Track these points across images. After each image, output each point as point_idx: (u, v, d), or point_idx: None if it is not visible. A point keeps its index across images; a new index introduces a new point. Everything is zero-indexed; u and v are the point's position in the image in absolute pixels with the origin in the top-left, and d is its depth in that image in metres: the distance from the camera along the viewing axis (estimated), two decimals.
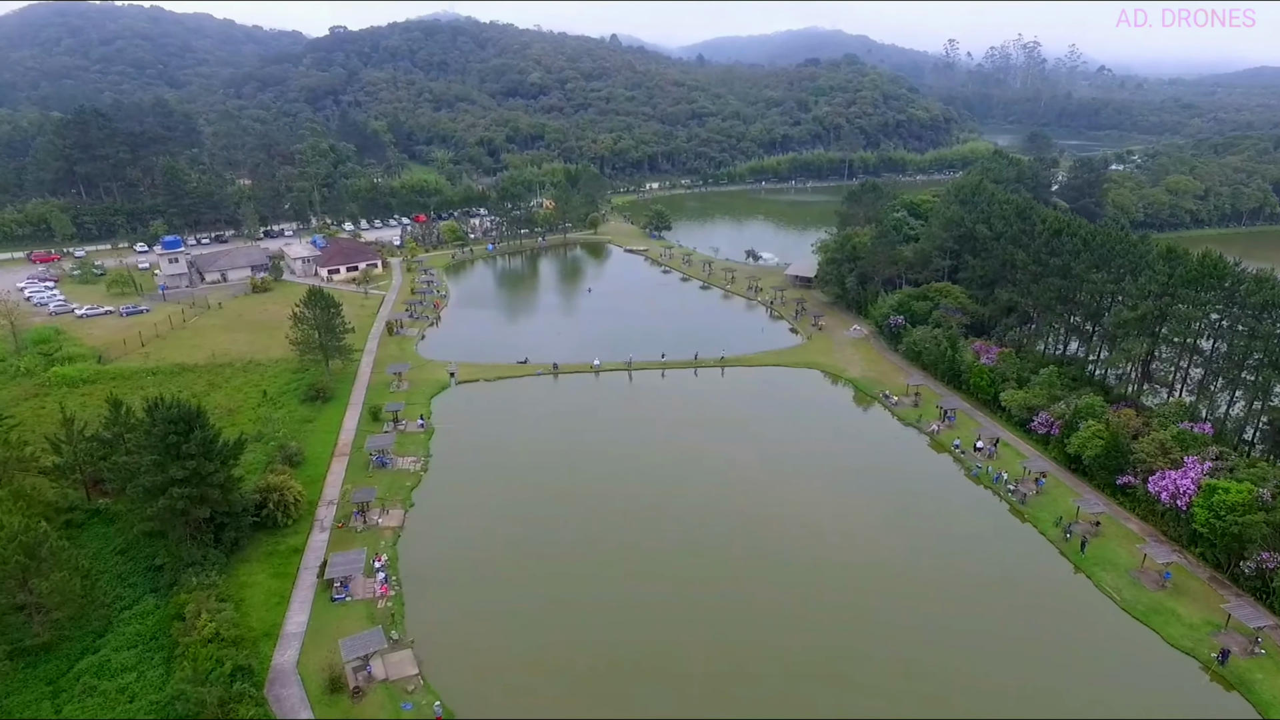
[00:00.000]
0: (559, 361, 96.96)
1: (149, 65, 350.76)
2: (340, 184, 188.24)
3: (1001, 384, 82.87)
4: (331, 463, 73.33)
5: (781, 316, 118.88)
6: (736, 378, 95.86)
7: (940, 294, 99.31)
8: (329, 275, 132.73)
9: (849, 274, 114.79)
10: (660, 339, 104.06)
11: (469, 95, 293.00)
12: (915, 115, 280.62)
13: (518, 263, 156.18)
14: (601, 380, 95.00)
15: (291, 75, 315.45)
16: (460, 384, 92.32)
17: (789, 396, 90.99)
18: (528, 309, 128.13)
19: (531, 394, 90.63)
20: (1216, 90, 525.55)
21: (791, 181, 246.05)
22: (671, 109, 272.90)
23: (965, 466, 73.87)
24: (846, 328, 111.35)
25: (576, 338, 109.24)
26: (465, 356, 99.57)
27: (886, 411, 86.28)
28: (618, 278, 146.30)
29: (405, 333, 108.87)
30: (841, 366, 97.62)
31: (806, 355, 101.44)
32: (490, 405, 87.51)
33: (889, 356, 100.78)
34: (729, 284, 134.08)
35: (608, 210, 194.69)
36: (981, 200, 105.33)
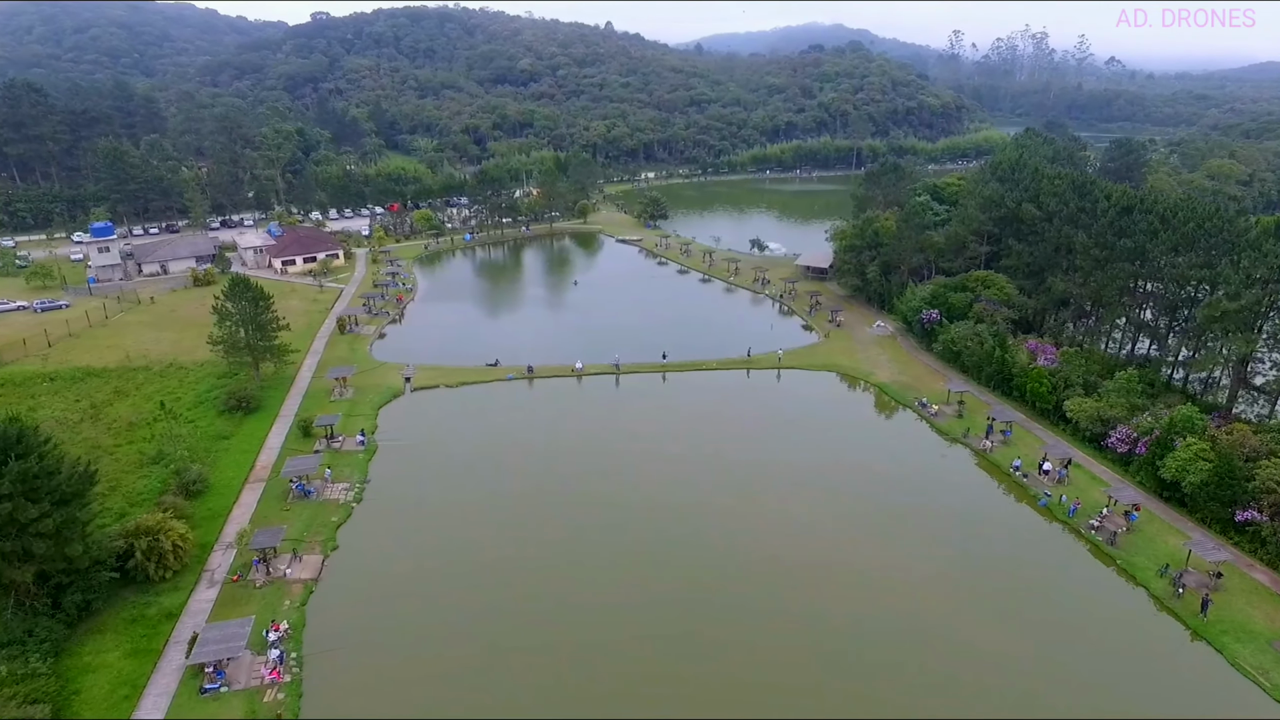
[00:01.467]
0: (535, 364, 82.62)
1: (124, 54, 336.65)
2: (310, 171, 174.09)
3: (1065, 390, 68.59)
4: (243, 491, 58.82)
5: (793, 312, 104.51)
6: (743, 382, 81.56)
7: (981, 284, 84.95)
8: (283, 267, 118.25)
9: (870, 263, 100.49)
10: (655, 338, 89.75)
11: (455, 82, 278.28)
12: (926, 102, 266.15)
13: (498, 254, 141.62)
14: (584, 386, 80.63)
15: (270, 63, 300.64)
16: (416, 390, 77.86)
17: (806, 405, 76.67)
18: (505, 304, 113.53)
19: (500, 402, 76.21)
20: (1226, 84, 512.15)
21: (796, 171, 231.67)
22: (669, 95, 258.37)
23: (1030, 494, 59.54)
24: (869, 324, 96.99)
25: (559, 337, 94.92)
26: (427, 358, 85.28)
27: (923, 422, 71.94)
28: (609, 270, 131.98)
29: (360, 330, 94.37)
30: (866, 369, 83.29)
31: (824, 356, 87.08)
32: (448, 416, 73.01)
33: (921, 357, 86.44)
34: (732, 276, 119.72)
35: (600, 199, 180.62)
36: (1025, 176, 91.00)
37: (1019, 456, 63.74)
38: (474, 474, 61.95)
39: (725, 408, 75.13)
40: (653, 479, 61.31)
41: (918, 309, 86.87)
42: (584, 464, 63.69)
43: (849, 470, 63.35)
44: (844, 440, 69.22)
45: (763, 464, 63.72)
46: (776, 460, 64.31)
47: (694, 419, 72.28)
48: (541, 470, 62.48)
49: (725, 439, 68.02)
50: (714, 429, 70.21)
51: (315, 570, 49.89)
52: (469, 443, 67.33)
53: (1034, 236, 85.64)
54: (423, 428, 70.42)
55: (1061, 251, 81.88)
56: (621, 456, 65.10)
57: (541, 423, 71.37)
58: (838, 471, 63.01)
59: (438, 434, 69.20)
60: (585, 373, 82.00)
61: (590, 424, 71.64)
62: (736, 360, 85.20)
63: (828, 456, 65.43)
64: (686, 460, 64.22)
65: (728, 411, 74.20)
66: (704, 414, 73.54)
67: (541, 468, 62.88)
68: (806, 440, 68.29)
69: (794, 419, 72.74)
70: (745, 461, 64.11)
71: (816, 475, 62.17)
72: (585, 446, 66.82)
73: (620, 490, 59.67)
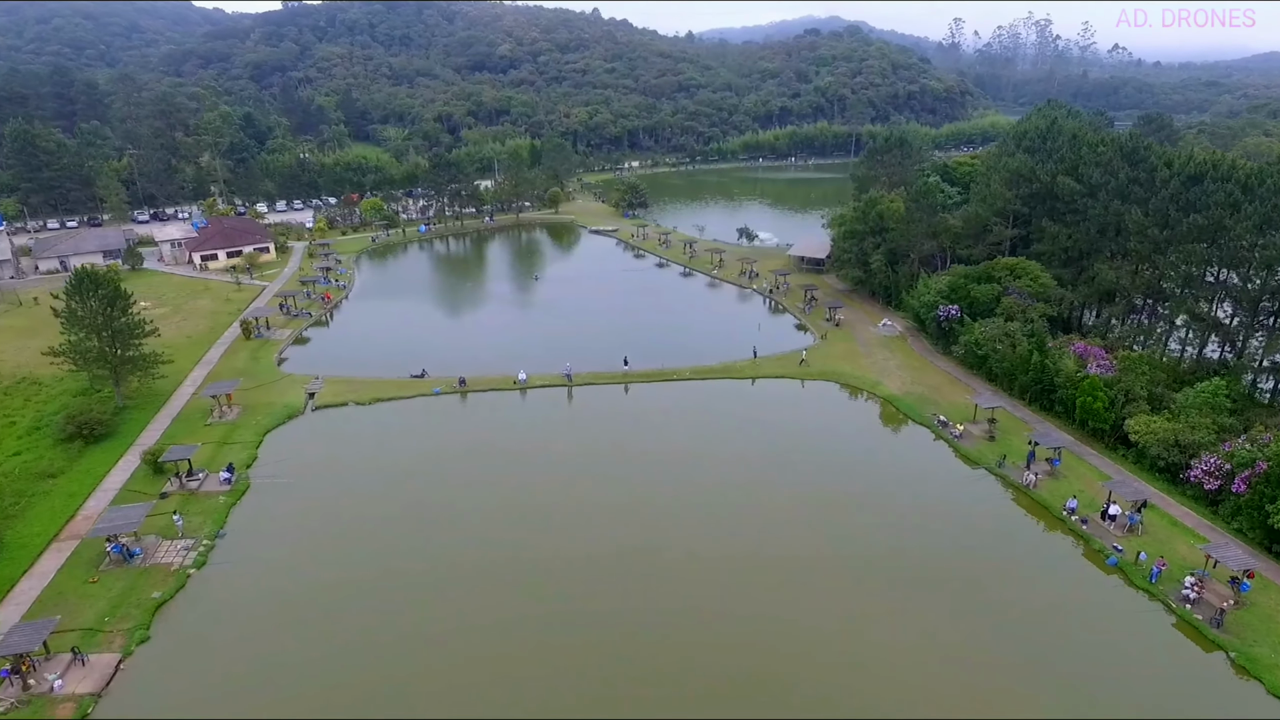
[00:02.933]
0: (471, 375, 68.02)
1: (89, 45, 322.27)
2: (260, 160, 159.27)
3: (1125, 406, 54.01)
4: (45, 554, 44.14)
5: (785, 309, 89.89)
6: (724, 395, 66.91)
7: (1010, 273, 70.27)
8: (202, 262, 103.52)
9: (874, 251, 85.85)
10: (623, 342, 75.35)
11: (431, 70, 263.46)
12: (929, 86, 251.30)
13: (456, 247, 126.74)
14: (528, 401, 65.99)
15: (237, 51, 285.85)
16: (319, 409, 63.22)
17: (799, 425, 61.96)
18: (451, 304, 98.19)
19: (418, 423, 61.56)
20: (1231, 73, 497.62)
21: (791, 158, 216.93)
22: (656, 81, 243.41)
23: (1093, 547, 44.99)
24: (874, 322, 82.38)
25: (510, 341, 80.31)
26: (345, 367, 70.77)
27: (944, 446, 57.34)
28: (578, 264, 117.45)
29: (271, 335, 79.63)
30: (872, 377, 68.67)
31: (822, 361, 72.43)
32: (350, 442, 58.26)
33: (938, 362, 71.84)
34: (716, 268, 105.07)
35: (577, 188, 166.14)
36: (1060, 144, 76.32)
37: (1073, 494, 49.11)
38: (362, 525, 47.20)
39: (697, 428, 60.41)
40: (601, 528, 46.67)
41: (933, 304, 72.25)
42: (512, 512, 48.96)
43: (852, 513, 48.70)
44: (845, 471, 54.44)
45: (737, 503, 49.11)
46: (756, 498, 49.69)
47: (659, 444, 57.59)
48: (452, 524, 47.76)
49: (695, 471, 53.38)
50: (683, 458, 55.53)
51: (102, 680, 35.19)
52: (366, 479, 52.56)
53: (1073, 216, 71.00)
54: (314, 458, 55.70)
55: (1109, 233, 67.27)
56: (565, 488, 50.50)
57: (464, 452, 56.59)
58: (838, 515, 48.37)
59: (331, 466, 54.42)
60: (530, 385, 67.38)
61: (527, 449, 56.82)
62: (715, 368, 70.62)
63: (825, 493, 50.77)
64: (646, 502, 49.58)
65: (700, 434, 59.48)
66: (671, 437, 58.86)
67: (454, 520, 48.17)
68: (797, 471, 53.60)
69: (782, 442, 58.01)
70: (715, 502, 49.48)
71: (810, 519, 47.55)
72: (516, 485, 52.06)
73: (560, 535, 45.10)
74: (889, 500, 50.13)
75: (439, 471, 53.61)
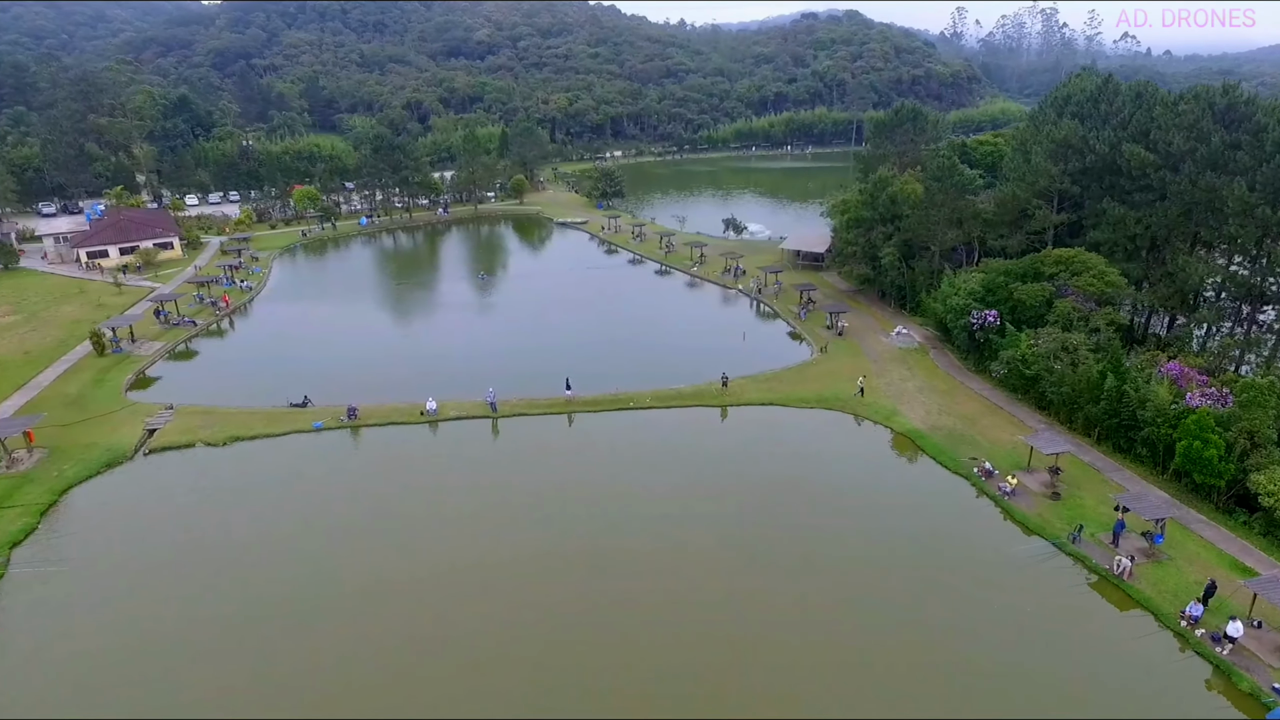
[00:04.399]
0: (368, 403, 52.46)
1: (49, 35, 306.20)
2: (195, 147, 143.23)
3: (1250, 455, 38.41)
4: None
5: (777, 313, 74.25)
6: (693, 429, 51.19)
7: (1065, 267, 54.50)
8: (89, 259, 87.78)
9: (885, 243, 70.24)
10: (575, 357, 60.01)
11: (404, 56, 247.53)
12: (935, 70, 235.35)
13: (400, 242, 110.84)
14: (440, 438, 50.31)
15: (200, 38, 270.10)
16: (155, 453, 47.55)
17: (792, 474, 46.15)
18: (376, 310, 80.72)
19: (284, 472, 45.83)
20: (1242, 64, 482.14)
21: (787, 146, 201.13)
22: (643, 66, 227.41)
23: (1240, 686, 29.41)
24: (886, 330, 66.75)
25: (434, 357, 64.83)
26: (216, 393, 55.40)
27: (993, 508, 41.66)
28: (537, 260, 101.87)
29: (135, 349, 63.90)
30: (887, 404, 52.96)
31: (822, 383, 56.70)
32: (180, 505, 42.38)
33: (970, 383, 56.18)
34: (696, 265, 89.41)
35: (551, 178, 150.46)
36: (1120, 105, 60.69)
37: (1191, 594, 33.53)
38: (151, 654, 31.54)
39: (655, 480, 44.65)
40: (507, 653, 31.00)
41: (963, 308, 56.58)
42: (383, 629, 33.29)
43: (866, 618, 33.05)
44: (852, 549, 38.74)
45: (708, 603, 33.48)
46: (730, 590, 34.04)
47: (603, 505, 41.91)
48: (293, 653, 32.12)
49: (639, 540, 37.74)
50: (632, 526, 39.89)
51: None
52: (183, 568, 36.90)
53: (1144, 194, 55.36)
54: (117, 531, 39.94)
55: (1197, 214, 51.64)
56: (461, 589, 34.81)
57: (330, 523, 40.85)
58: (845, 621, 32.76)
59: (137, 545, 38.66)
60: (441, 416, 51.70)
61: (419, 515, 41.17)
62: (684, 393, 54.87)
63: (825, 584, 35.12)
64: (585, 597, 33.94)
65: (659, 490, 43.74)
66: (619, 493, 43.16)
67: (296, 647, 32.52)
68: (788, 549, 37.94)
69: (769, 502, 42.31)
70: (676, 604, 33.84)
71: (808, 630, 31.90)
72: (393, 582, 36.34)
73: (446, 655, 29.43)
74: (918, 597, 34.43)
75: (289, 555, 37.87)
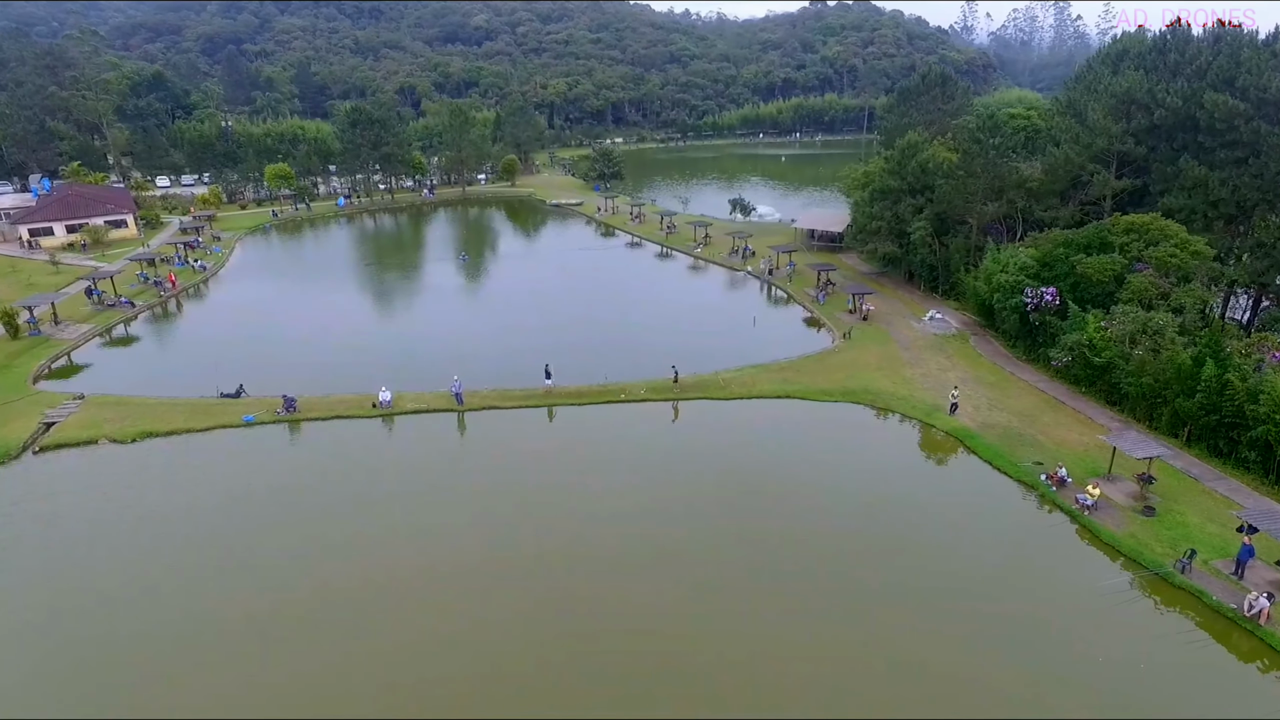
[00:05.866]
0: (313, 394, 44.42)
1: (39, 22, 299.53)
2: (174, 127, 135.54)
3: None
4: None
5: (791, 297, 65.98)
6: (695, 426, 42.91)
7: (1139, 237, 46.08)
8: (31, 237, 79.91)
9: (915, 216, 61.88)
10: (561, 345, 52.05)
11: (399, 42, 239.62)
12: (949, 57, 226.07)
13: (379, 224, 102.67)
14: (396, 435, 42.11)
15: (190, 23, 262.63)
16: (47, 450, 39.52)
17: (815, 482, 37.76)
18: (341, 293, 70.95)
19: (198, 476, 37.64)
20: None
21: (795, 133, 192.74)
22: (645, 51, 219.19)
23: None
24: (917, 314, 58.45)
25: (401, 343, 56.78)
26: (146, 381, 47.63)
27: (1069, 525, 33.24)
28: (528, 242, 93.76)
29: (54, 333, 55.87)
30: (926, 399, 44.58)
31: (845, 374, 48.38)
32: (63, 520, 34.27)
33: (1022, 373, 47.83)
34: (700, 247, 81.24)
35: (547, 163, 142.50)
36: (1194, 54, 52.27)
37: None
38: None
39: (647, 486, 36.42)
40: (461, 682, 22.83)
41: (1014, 285, 48.22)
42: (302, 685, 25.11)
43: (924, 690, 24.75)
44: (902, 579, 30.33)
45: (720, 657, 25.22)
46: (748, 640, 25.78)
47: (589, 515, 33.69)
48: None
49: (638, 576, 29.51)
50: (616, 543, 31.69)
51: None
52: (53, 609, 28.80)
53: (1229, 150, 47.00)
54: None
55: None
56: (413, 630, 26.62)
57: (243, 548, 32.61)
58: (899, 691, 24.47)
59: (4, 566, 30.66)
60: (398, 410, 43.52)
61: (362, 534, 32.94)
62: (685, 384, 46.63)
63: (871, 635, 26.85)
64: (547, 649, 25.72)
65: (652, 498, 35.52)
66: (608, 501, 34.92)
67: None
68: (816, 580, 29.67)
69: (787, 512, 34.05)
70: (676, 660, 25.58)
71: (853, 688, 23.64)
72: (318, 625, 28.17)
73: None
74: (986, 645, 26.12)
75: (168, 589, 29.75)
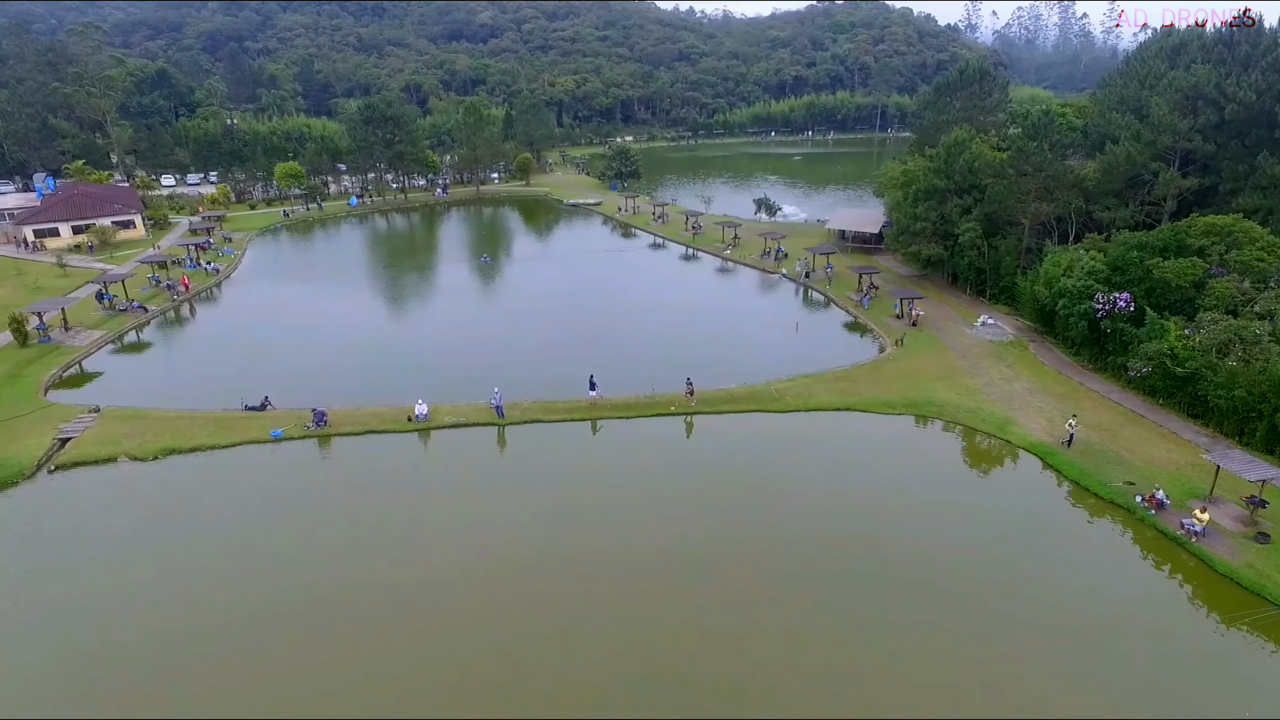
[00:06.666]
0: (342, 406, 41.77)
1: (37, 19, 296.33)
2: (179, 125, 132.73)
3: None
4: None
5: (831, 300, 63.36)
6: (753, 442, 40.13)
7: (1221, 238, 43.48)
8: (36, 238, 77.14)
9: (963, 217, 59.24)
10: (594, 353, 49.44)
11: (403, 39, 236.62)
12: (961, 55, 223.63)
13: (393, 224, 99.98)
14: (431, 451, 39.40)
15: (191, 20, 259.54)
16: (62, 469, 36.82)
17: (889, 506, 35.08)
18: (360, 297, 67.99)
19: (227, 500, 34.91)
20: None
21: (808, 132, 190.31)
22: (654, 48, 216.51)
23: None
24: (967, 320, 55.87)
25: (425, 351, 54.12)
26: (155, 393, 44.76)
27: (1179, 552, 30.62)
28: (547, 244, 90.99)
29: (65, 339, 53.15)
30: (997, 410, 41.92)
31: (905, 383, 45.74)
32: (85, 549, 31.55)
33: (1090, 383, 45.19)
34: (730, 248, 78.61)
35: (559, 162, 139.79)
36: (1270, 45, 49.77)
37: None
38: None
39: (704, 505, 33.77)
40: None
41: (1081, 291, 45.60)
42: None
43: None
44: (1009, 620, 27.75)
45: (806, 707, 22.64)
46: (847, 680, 23.17)
47: (637, 540, 31.04)
48: None
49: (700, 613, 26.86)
50: (677, 576, 29.05)
51: None
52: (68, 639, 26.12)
53: None
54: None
55: None
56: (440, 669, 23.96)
57: (282, 585, 29.97)
58: None
59: (27, 604, 27.92)
60: (434, 424, 40.88)
61: (403, 568, 30.32)
62: (736, 394, 44.00)
63: (983, 683, 24.25)
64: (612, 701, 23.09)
65: (707, 519, 32.89)
66: (660, 526, 32.26)
67: None
68: (914, 630, 27.07)
69: (864, 543, 31.45)
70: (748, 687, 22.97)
71: None
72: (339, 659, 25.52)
73: None
74: (1127, 693, 23.53)
75: (209, 633, 27.06)
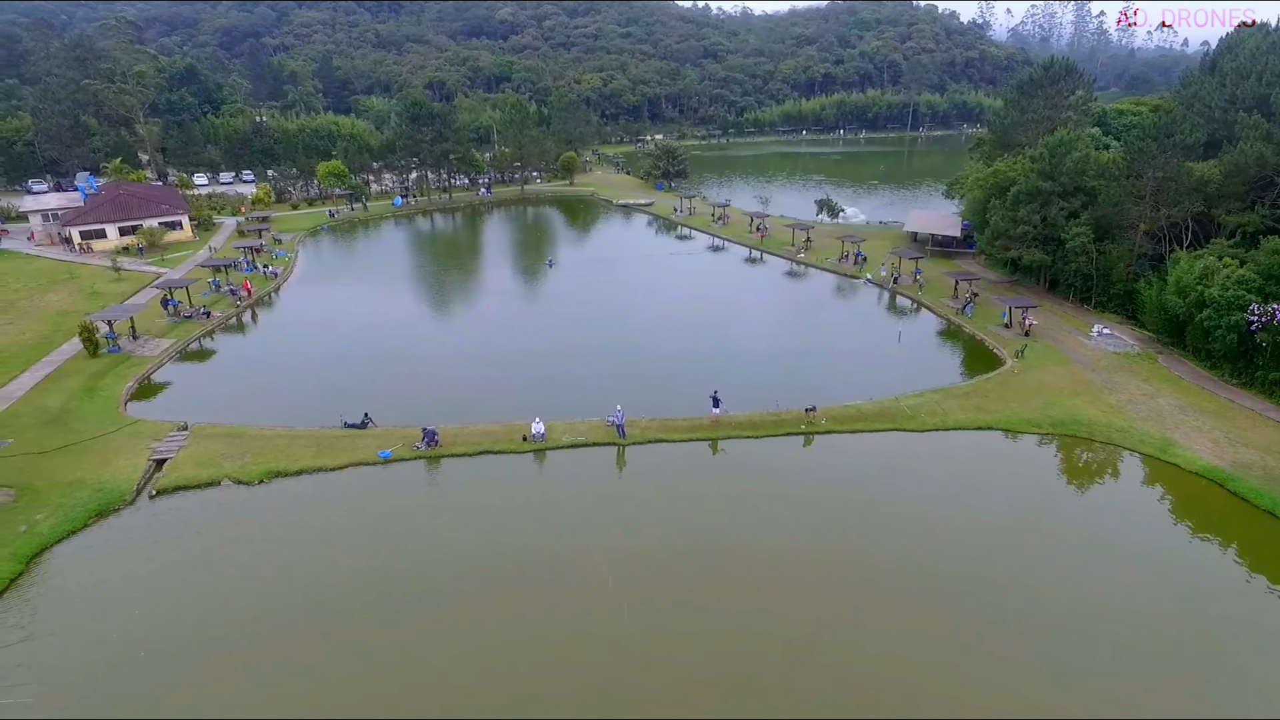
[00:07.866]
0: (447, 424, 39.01)
1: (50, 16, 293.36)
2: (205, 123, 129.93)
3: None
4: None
5: (924, 308, 60.57)
6: (897, 465, 37.31)
7: None
8: (84, 240, 74.37)
9: (1069, 222, 56.43)
10: (694, 366, 46.77)
11: (422, 36, 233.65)
12: (989, 53, 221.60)
13: (440, 224, 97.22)
14: (546, 473, 36.66)
15: (206, 16, 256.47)
16: (163, 494, 34.08)
17: (1075, 544, 32.29)
18: (426, 302, 66.31)
19: (350, 528, 32.13)
20: None
21: (839, 130, 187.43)
22: (678, 46, 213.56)
23: None
24: (1079, 330, 53.10)
25: (513, 364, 51.26)
26: (238, 407, 42.05)
27: None
28: (606, 247, 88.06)
29: (135, 349, 50.39)
30: (1154, 431, 39.12)
31: (1041, 399, 42.87)
32: (207, 580, 28.81)
33: (1243, 401, 42.26)
34: (801, 252, 75.83)
35: (593, 160, 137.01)
36: None
37: None
38: None
39: (861, 537, 31.02)
40: None
41: (1230, 301, 42.82)
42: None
43: None
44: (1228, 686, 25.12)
45: None
46: None
47: (805, 578, 28.32)
48: None
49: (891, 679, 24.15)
50: (849, 620, 26.32)
51: None
52: (222, 680, 23.39)
53: None
54: (117, 628, 26.36)
55: None
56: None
57: (442, 618, 27.28)
58: None
59: (159, 645, 25.18)
60: (551, 444, 38.13)
61: (549, 587, 27.57)
62: (866, 410, 41.23)
63: None
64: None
65: (868, 553, 30.13)
66: (815, 562, 29.52)
67: None
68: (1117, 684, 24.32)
69: (1056, 586, 28.70)
70: None
71: None
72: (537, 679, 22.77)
73: None
74: None
75: (388, 670, 24.35)
